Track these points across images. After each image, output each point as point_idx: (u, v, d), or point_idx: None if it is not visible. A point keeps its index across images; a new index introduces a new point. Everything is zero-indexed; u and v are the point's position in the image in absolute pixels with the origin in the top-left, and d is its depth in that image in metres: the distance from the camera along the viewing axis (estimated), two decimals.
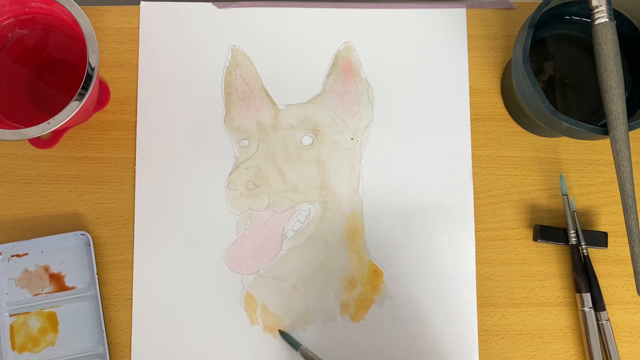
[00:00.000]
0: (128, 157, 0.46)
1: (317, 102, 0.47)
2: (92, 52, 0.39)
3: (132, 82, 0.47)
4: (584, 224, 0.46)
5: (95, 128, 0.46)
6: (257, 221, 0.46)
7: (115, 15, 0.47)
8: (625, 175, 0.37)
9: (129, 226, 0.45)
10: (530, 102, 0.39)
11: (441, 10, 0.47)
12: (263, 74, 0.47)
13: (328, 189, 0.46)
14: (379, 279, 0.45)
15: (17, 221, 0.45)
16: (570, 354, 0.45)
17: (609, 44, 0.36)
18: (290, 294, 0.45)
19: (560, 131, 0.39)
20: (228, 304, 0.45)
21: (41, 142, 0.44)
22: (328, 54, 0.47)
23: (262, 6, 0.47)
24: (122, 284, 0.45)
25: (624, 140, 0.36)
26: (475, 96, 0.47)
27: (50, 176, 0.46)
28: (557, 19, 0.42)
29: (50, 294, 0.45)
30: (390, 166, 0.46)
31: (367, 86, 0.47)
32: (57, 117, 0.38)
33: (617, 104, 0.36)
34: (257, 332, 0.45)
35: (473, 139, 0.46)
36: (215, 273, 0.45)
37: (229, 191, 0.46)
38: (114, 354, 0.44)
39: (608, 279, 0.45)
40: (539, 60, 0.43)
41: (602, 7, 0.37)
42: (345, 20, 0.47)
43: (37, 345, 0.44)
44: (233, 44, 0.47)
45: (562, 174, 0.46)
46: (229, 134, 0.46)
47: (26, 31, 0.43)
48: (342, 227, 0.46)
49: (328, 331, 0.45)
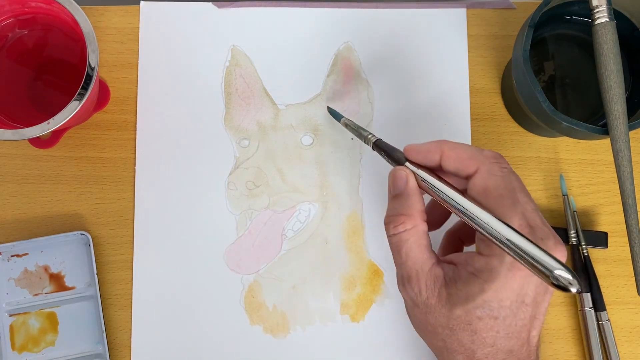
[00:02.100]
0: (128, 157, 0.46)
1: (317, 102, 0.47)
2: (92, 52, 0.39)
3: (132, 82, 0.47)
4: (584, 224, 0.46)
5: (95, 128, 0.46)
6: (257, 221, 0.46)
7: (115, 15, 0.47)
8: (625, 175, 0.37)
9: (129, 226, 0.45)
10: (530, 102, 0.39)
11: (441, 10, 0.47)
12: (263, 74, 0.47)
13: (328, 189, 0.46)
14: (379, 279, 0.45)
15: (16, 221, 0.45)
16: (570, 354, 0.45)
17: (609, 44, 0.36)
18: (290, 294, 0.45)
19: (560, 131, 0.39)
20: (228, 304, 0.45)
21: (41, 142, 0.44)
22: (328, 54, 0.47)
23: (262, 6, 0.47)
24: (122, 284, 0.45)
25: (624, 140, 0.36)
26: (475, 96, 0.47)
27: (50, 176, 0.46)
28: (557, 19, 0.42)
29: (50, 294, 0.45)
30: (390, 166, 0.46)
31: (367, 86, 0.47)
32: (57, 117, 0.38)
33: (617, 104, 0.36)
34: (257, 332, 0.45)
35: (473, 139, 0.46)
36: (215, 273, 0.45)
37: (229, 191, 0.46)
38: (113, 354, 0.44)
39: (608, 279, 0.45)
40: (539, 60, 0.43)
41: (602, 7, 0.37)
42: (345, 20, 0.47)
43: (37, 345, 0.44)
44: (233, 44, 0.47)
45: (562, 174, 0.46)
46: (229, 134, 0.46)
47: (26, 31, 0.43)
48: (342, 227, 0.46)
49: (328, 331, 0.45)
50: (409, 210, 0.33)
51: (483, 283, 0.30)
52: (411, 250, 0.32)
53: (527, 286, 0.30)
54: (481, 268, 0.30)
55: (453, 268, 0.32)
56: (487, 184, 0.32)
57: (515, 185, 0.32)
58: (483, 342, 0.31)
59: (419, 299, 0.32)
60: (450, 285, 0.31)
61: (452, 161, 0.33)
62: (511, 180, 0.32)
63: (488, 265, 0.30)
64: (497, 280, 0.30)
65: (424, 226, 0.33)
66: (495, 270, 0.30)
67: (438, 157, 0.33)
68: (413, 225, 0.33)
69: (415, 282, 0.32)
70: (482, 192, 0.32)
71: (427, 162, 0.34)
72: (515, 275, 0.30)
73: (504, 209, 0.31)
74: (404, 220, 0.33)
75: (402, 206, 0.33)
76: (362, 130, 0.40)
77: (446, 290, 0.31)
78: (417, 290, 0.32)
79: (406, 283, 0.33)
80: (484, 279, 0.30)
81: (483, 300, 0.30)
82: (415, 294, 0.32)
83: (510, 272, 0.30)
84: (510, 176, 0.32)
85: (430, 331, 0.32)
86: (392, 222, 0.33)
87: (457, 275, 0.31)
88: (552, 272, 0.26)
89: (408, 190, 0.33)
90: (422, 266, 0.32)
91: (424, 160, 0.34)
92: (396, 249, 0.33)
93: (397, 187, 0.34)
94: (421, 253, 0.32)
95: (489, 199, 0.31)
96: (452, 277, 0.32)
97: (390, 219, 0.33)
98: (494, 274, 0.30)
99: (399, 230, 0.33)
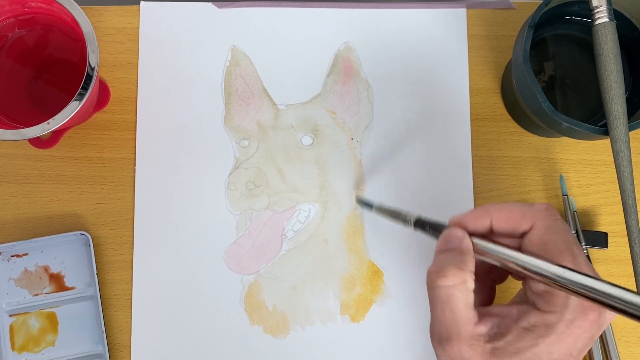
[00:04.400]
0: (128, 157, 0.46)
1: (317, 102, 0.47)
2: (92, 52, 0.39)
3: (132, 82, 0.47)
4: (584, 224, 0.46)
5: (95, 128, 0.46)
6: (257, 221, 0.46)
7: (115, 15, 0.47)
8: (625, 176, 0.37)
9: (129, 226, 0.45)
10: (530, 102, 0.39)
11: (441, 10, 0.47)
12: (263, 74, 0.47)
13: (328, 189, 0.46)
14: (379, 279, 0.45)
15: (16, 221, 0.45)
16: None
17: (609, 44, 0.36)
18: (290, 294, 0.45)
19: (560, 131, 0.39)
20: (228, 304, 0.45)
21: (41, 142, 0.44)
22: (328, 54, 0.47)
23: (262, 6, 0.47)
24: (121, 284, 0.45)
25: (624, 141, 0.36)
26: (475, 96, 0.47)
27: (50, 176, 0.46)
28: (557, 19, 0.42)
29: (50, 294, 0.45)
30: (390, 166, 0.46)
31: (367, 86, 0.47)
32: (57, 117, 0.38)
33: (617, 104, 0.36)
34: (257, 332, 0.45)
35: (473, 139, 0.46)
36: (215, 273, 0.45)
37: (229, 191, 0.46)
38: (113, 354, 0.44)
39: (608, 279, 0.45)
40: (539, 60, 0.43)
41: (602, 7, 0.37)
42: (345, 20, 0.47)
43: (37, 345, 0.44)
44: (233, 44, 0.47)
45: (562, 174, 0.46)
46: (229, 134, 0.46)
47: (26, 31, 0.43)
48: (342, 227, 0.46)
49: (328, 331, 0.45)
50: (461, 265, 0.31)
51: (537, 338, 0.29)
52: (457, 307, 0.30)
53: (580, 341, 0.30)
54: (537, 324, 0.30)
55: (498, 321, 0.31)
56: (546, 239, 0.30)
57: (572, 243, 0.31)
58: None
59: (458, 357, 0.30)
60: (496, 339, 0.30)
61: (503, 223, 0.32)
62: (569, 236, 0.31)
63: (546, 321, 0.29)
64: (552, 336, 0.29)
65: (472, 284, 0.31)
66: (554, 327, 0.29)
67: (488, 222, 0.32)
68: (462, 281, 0.30)
69: (456, 342, 0.30)
70: (541, 248, 0.30)
71: (477, 230, 0.32)
72: (572, 332, 0.29)
73: (566, 263, 0.30)
74: (455, 273, 0.30)
75: (453, 259, 0.31)
76: (398, 212, 0.38)
77: (491, 345, 0.30)
78: (457, 350, 0.30)
79: (444, 342, 0.30)
80: (538, 334, 0.29)
81: (533, 353, 0.29)
82: (455, 354, 0.30)
83: (569, 329, 0.29)
84: (566, 229, 0.31)
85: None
86: (440, 272, 0.31)
87: (504, 330, 0.30)
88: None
89: (462, 247, 0.31)
90: (466, 325, 0.30)
91: (474, 227, 0.32)
92: (440, 303, 0.31)
93: (451, 242, 0.32)
94: (466, 311, 0.30)
95: (549, 253, 0.30)
96: (497, 332, 0.30)
97: (438, 270, 0.31)
98: (550, 329, 0.29)
99: (447, 283, 0.30)
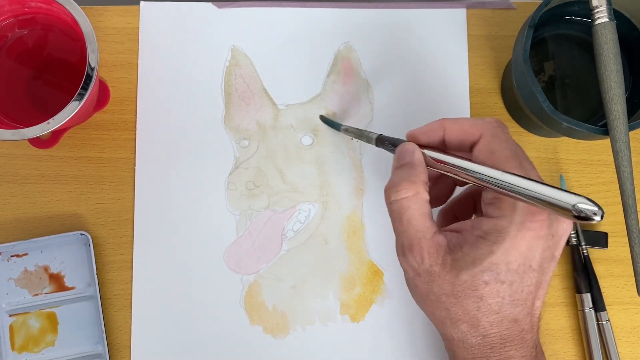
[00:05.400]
0: (128, 157, 0.46)
1: (317, 102, 0.47)
2: (91, 52, 0.39)
3: (132, 82, 0.47)
4: (583, 224, 0.46)
5: (95, 128, 0.46)
6: (257, 221, 0.46)
7: (115, 15, 0.47)
8: (625, 176, 0.37)
9: (129, 226, 0.45)
10: (530, 102, 0.39)
11: (441, 10, 0.47)
12: (263, 74, 0.47)
13: (328, 189, 0.46)
14: (379, 279, 0.45)
15: (16, 221, 0.45)
16: (570, 354, 0.45)
17: (609, 44, 0.36)
18: (290, 294, 0.45)
19: (560, 131, 0.39)
20: (228, 304, 0.45)
21: (41, 142, 0.44)
22: (328, 54, 0.47)
23: (262, 6, 0.47)
24: (121, 284, 0.45)
25: (624, 141, 0.36)
26: (475, 96, 0.47)
27: (50, 176, 0.46)
28: (557, 19, 0.42)
29: (50, 294, 0.45)
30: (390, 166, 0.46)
31: (367, 86, 0.47)
32: (57, 117, 0.38)
33: (617, 104, 0.36)
34: (257, 332, 0.45)
35: None
36: (215, 273, 0.45)
37: (229, 191, 0.46)
38: (113, 354, 0.44)
39: (608, 279, 0.45)
40: (539, 60, 0.43)
41: (602, 7, 0.37)
42: (345, 20, 0.47)
43: (37, 345, 0.44)
44: (233, 44, 0.47)
45: (562, 174, 0.46)
46: (229, 134, 0.46)
47: (25, 31, 0.43)
48: (342, 227, 0.46)
49: (328, 331, 0.45)
50: (413, 178, 0.32)
51: (492, 245, 0.30)
52: (413, 217, 0.32)
53: (534, 249, 0.30)
54: (489, 230, 0.30)
55: (457, 235, 0.32)
56: (493, 147, 0.32)
57: (519, 151, 0.32)
58: (489, 308, 0.30)
59: (421, 267, 0.31)
60: (455, 250, 0.31)
61: (455, 133, 0.33)
62: (516, 146, 0.32)
63: (497, 226, 0.30)
64: (505, 241, 0.30)
65: (426, 195, 0.33)
66: (505, 231, 0.30)
67: (441, 133, 0.34)
68: (415, 193, 0.32)
69: (417, 250, 0.31)
70: (488, 156, 0.32)
71: (431, 141, 0.34)
72: (524, 235, 0.30)
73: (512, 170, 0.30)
74: (407, 186, 0.32)
75: (405, 174, 0.33)
76: (362, 131, 0.40)
77: (451, 256, 0.31)
78: (419, 258, 0.31)
79: (407, 252, 0.32)
80: (492, 240, 0.30)
81: (491, 263, 0.30)
82: (417, 263, 0.32)
83: (520, 232, 0.30)
84: (514, 142, 0.32)
85: (433, 300, 0.32)
86: (393, 188, 0.33)
87: (462, 241, 0.31)
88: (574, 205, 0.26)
89: (414, 161, 0.33)
90: (425, 233, 0.32)
91: (428, 140, 0.34)
92: (397, 216, 0.33)
93: (403, 159, 0.34)
94: (423, 221, 0.32)
95: (495, 161, 0.31)
96: (456, 243, 0.31)
97: (392, 185, 0.33)
98: (503, 234, 0.30)
99: (401, 196, 0.32)
